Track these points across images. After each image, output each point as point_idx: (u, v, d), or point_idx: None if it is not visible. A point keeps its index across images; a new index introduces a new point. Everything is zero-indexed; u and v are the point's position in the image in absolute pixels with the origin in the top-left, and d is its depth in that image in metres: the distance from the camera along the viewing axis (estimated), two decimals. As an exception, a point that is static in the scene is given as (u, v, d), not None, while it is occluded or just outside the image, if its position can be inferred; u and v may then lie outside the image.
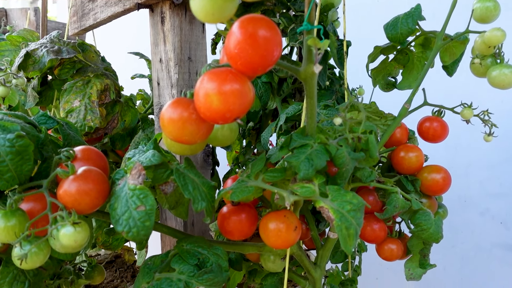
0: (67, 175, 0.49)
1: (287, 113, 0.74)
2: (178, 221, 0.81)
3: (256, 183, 0.54)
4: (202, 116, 0.46)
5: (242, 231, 0.60)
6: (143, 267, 0.59)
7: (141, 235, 0.47)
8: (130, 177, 0.50)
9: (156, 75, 0.82)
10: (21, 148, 0.50)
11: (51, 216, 0.48)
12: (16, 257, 0.45)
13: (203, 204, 0.53)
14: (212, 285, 0.55)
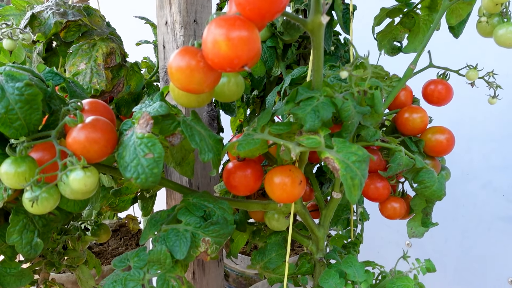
0: (76, 123, 0.50)
1: (292, 75, 0.74)
2: (183, 182, 0.82)
3: (262, 136, 0.55)
4: (210, 64, 0.46)
5: (247, 185, 0.60)
6: (150, 220, 0.60)
7: (149, 182, 0.48)
8: (138, 126, 0.51)
9: (161, 38, 0.82)
10: (30, 96, 0.50)
11: (61, 163, 0.49)
12: (28, 199, 0.46)
13: (210, 155, 0.53)
14: (217, 237, 0.56)
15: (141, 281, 0.54)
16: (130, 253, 0.57)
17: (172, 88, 0.53)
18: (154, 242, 0.56)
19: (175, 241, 0.54)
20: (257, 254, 0.70)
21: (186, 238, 0.54)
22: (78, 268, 0.69)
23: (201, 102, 0.54)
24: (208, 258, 0.57)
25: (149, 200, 0.96)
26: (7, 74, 0.51)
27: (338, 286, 0.62)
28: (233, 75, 0.56)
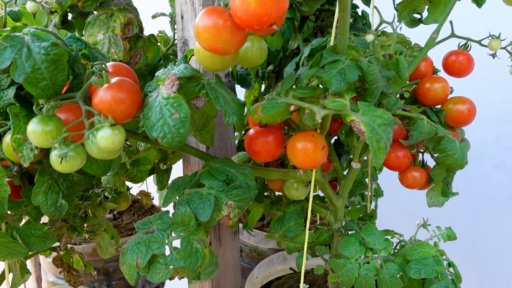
0: (102, 84, 0.50)
1: (311, 45, 0.73)
2: (200, 155, 0.82)
3: (286, 100, 0.54)
4: (238, 22, 0.46)
5: (269, 151, 0.61)
6: (172, 185, 0.60)
7: (176, 142, 0.48)
8: (163, 87, 0.51)
9: (179, 8, 0.81)
10: (56, 56, 0.50)
11: (87, 122, 0.49)
12: (57, 155, 0.46)
13: (234, 117, 0.53)
14: (240, 201, 0.57)
15: (164, 243, 0.55)
16: (153, 217, 0.58)
17: (197, 50, 0.53)
18: (177, 205, 0.56)
19: (198, 203, 0.54)
20: (276, 223, 0.70)
21: (209, 201, 0.54)
22: (99, 235, 0.69)
23: (226, 64, 0.53)
24: (230, 223, 0.57)
25: (165, 174, 0.96)
26: (32, 34, 0.51)
27: (358, 253, 0.63)
28: (256, 40, 0.56)
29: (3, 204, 0.51)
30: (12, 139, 0.50)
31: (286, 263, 0.89)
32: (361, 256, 0.63)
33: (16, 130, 0.50)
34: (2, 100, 0.53)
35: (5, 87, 0.54)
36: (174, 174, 1.00)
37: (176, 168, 0.96)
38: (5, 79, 0.54)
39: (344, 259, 0.63)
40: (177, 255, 0.54)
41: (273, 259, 0.88)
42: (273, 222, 0.71)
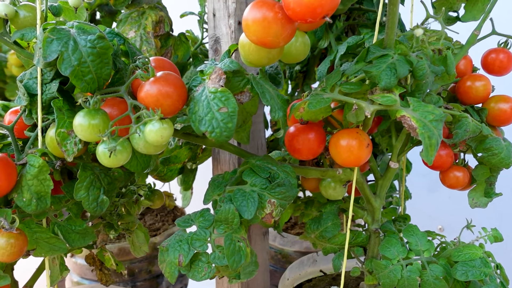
0: (148, 77, 0.49)
1: (348, 43, 0.72)
2: (232, 153, 0.81)
3: (332, 95, 0.53)
4: (290, 14, 0.45)
5: (311, 149, 0.59)
6: (212, 183, 0.59)
7: (224, 136, 0.47)
8: (210, 81, 0.50)
9: (211, 6, 0.80)
10: (102, 50, 0.50)
11: (134, 116, 0.48)
12: (107, 148, 0.45)
13: (280, 113, 0.52)
14: (283, 199, 0.55)
15: (207, 241, 0.53)
16: (193, 214, 0.57)
17: (243, 44, 0.52)
18: (220, 202, 0.55)
19: (242, 201, 0.53)
20: (312, 223, 0.68)
21: (253, 198, 0.53)
22: (134, 232, 0.69)
23: (272, 59, 0.53)
24: (272, 221, 0.56)
25: (190, 174, 0.95)
26: (78, 27, 0.50)
27: (401, 254, 0.61)
28: (300, 35, 0.55)
29: (45, 199, 0.50)
30: (56, 133, 0.49)
31: (316, 265, 0.88)
32: (403, 257, 0.61)
33: (60, 124, 0.50)
34: (45, 94, 0.53)
35: (48, 81, 0.53)
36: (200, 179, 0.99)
37: (201, 169, 0.95)
38: (48, 73, 0.53)
39: (386, 260, 0.62)
40: (220, 253, 0.52)
41: (304, 261, 0.86)
42: (309, 222, 0.69)
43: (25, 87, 0.53)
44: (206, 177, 0.99)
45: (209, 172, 0.98)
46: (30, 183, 0.50)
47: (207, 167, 0.95)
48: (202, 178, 0.94)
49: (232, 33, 0.78)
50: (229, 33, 0.78)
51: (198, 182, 0.99)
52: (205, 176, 0.98)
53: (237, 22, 0.77)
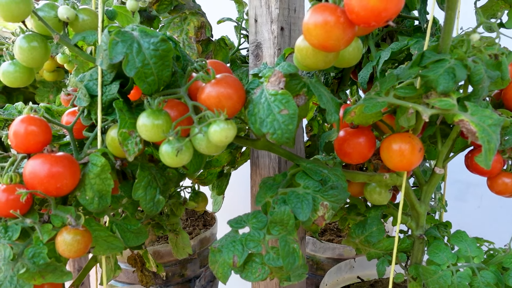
0: (209, 79, 0.50)
1: (392, 48, 0.73)
2: (271, 158, 0.81)
3: (387, 99, 0.54)
4: (353, 18, 0.46)
5: (361, 153, 0.60)
6: (262, 185, 0.60)
7: (285, 138, 0.48)
8: (269, 84, 0.51)
9: (253, 12, 0.82)
10: (164, 52, 0.51)
11: (196, 117, 0.49)
12: (171, 148, 0.46)
13: (336, 116, 0.53)
14: (335, 202, 0.56)
15: (261, 242, 0.54)
16: (246, 216, 0.57)
17: (300, 48, 0.53)
18: (273, 204, 0.56)
19: (296, 203, 0.54)
20: (356, 228, 0.69)
21: (308, 200, 0.54)
22: (180, 234, 0.69)
23: (328, 63, 0.53)
24: (323, 224, 0.56)
25: (224, 179, 0.96)
26: (141, 30, 0.51)
27: (450, 260, 0.61)
28: (354, 40, 0.55)
29: (106, 198, 0.51)
30: (118, 133, 0.50)
31: (353, 271, 0.87)
32: (453, 263, 0.61)
33: (122, 124, 0.51)
34: (105, 95, 0.54)
35: (108, 82, 0.54)
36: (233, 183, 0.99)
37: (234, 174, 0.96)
38: (108, 74, 0.55)
39: (435, 266, 0.61)
40: (274, 254, 0.53)
41: (341, 267, 0.86)
42: (353, 227, 0.69)
43: (86, 88, 0.54)
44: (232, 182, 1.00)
45: (236, 178, 0.99)
46: (93, 182, 0.51)
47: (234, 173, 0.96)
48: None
49: (275, 39, 0.79)
50: (271, 38, 0.79)
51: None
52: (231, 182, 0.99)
53: (280, 28, 0.78)
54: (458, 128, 0.65)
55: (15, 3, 0.49)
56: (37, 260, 0.47)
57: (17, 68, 0.56)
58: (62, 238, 0.47)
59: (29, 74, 0.56)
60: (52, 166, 0.48)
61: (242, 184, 1.03)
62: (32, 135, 0.49)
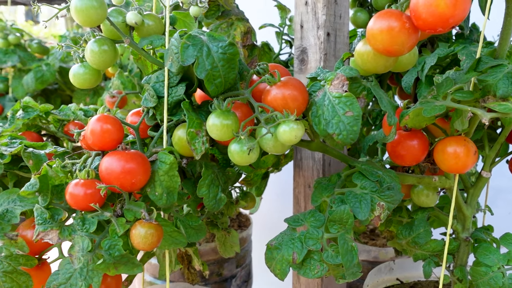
0: (275, 82, 0.52)
1: (439, 54, 0.74)
2: (315, 160, 0.83)
3: (444, 102, 0.55)
4: (419, 24, 0.47)
5: (415, 155, 0.61)
6: (318, 185, 0.62)
7: (349, 138, 0.50)
8: (332, 87, 0.52)
9: (299, 18, 0.84)
10: (231, 56, 0.53)
11: (263, 118, 0.51)
12: (240, 147, 0.48)
13: (395, 119, 0.54)
14: (391, 202, 0.57)
15: (319, 240, 0.56)
16: (302, 214, 0.59)
17: (360, 53, 0.55)
18: (330, 203, 0.57)
19: (355, 202, 0.55)
20: (404, 229, 0.70)
21: (366, 200, 0.55)
22: (231, 232, 0.71)
23: (388, 67, 0.55)
24: (378, 224, 0.58)
25: (263, 181, 0.98)
26: (209, 34, 0.54)
27: (501, 262, 0.62)
28: (410, 45, 0.57)
29: (174, 194, 0.54)
30: (186, 132, 0.53)
31: (392, 273, 0.88)
32: (503, 264, 0.62)
33: (190, 124, 0.53)
34: (171, 96, 0.57)
35: (174, 84, 0.57)
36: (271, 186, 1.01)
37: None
38: (174, 77, 0.57)
39: (486, 267, 0.62)
40: (333, 252, 0.54)
41: (381, 269, 0.87)
42: (400, 228, 0.70)
43: (153, 90, 0.57)
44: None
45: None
46: (162, 179, 0.53)
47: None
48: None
49: (321, 44, 0.81)
50: (317, 43, 0.81)
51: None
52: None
53: (326, 33, 0.80)
54: (506, 132, 0.66)
55: (94, 9, 0.52)
56: (112, 251, 0.50)
57: (87, 70, 0.58)
58: (137, 231, 0.49)
59: (98, 76, 0.59)
60: (127, 162, 0.51)
61: (272, 186, 1.05)
62: (107, 133, 0.52)
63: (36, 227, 0.52)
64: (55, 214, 0.52)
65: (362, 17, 0.92)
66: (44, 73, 1.52)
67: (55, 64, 1.53)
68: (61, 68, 1.62)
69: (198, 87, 0.58)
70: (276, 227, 0.82)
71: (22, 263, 0.54)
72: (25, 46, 1.65)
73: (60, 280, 0.53)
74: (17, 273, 0.54)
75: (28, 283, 0.54)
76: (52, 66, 1.52)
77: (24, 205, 0.56)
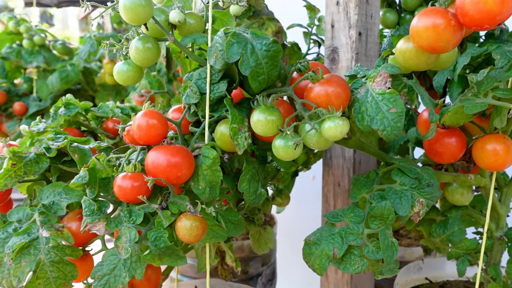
0: (318, 79, 0.53)
1: (472, 54, 0.74)
2: (346, 159, 0.84)
3: (486, 100, 0.55)
4: (465, 21, 0.48)
5: (453, 153, 0.61)
6: (356, 182, 0.62)
7: (393, 134, 0.50)
8: (374, 84, 0.53)
9: (330, 18, 0.85)
10: (274, 53, 0.54)
11: (306, 114, 0.52)
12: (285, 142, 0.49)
13: (437, 116, 0.55)
14: (430, 199, 0.58)
15: (360, 235, 0.56)
16: (341, 210, 0.60)
17: (403, 50, 0.55)
18: (370, 199, 0.58)
19: (395, 198, 0.56)
20: (437, 227, 0.70)
21: (407, 196, 0.56)
22: (267, 228, 0.72)
23: (429, 64, 0.55)
24: (417, 220, 0.58)
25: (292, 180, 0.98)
26: (252, 32, 0.55)
27: (539, 260, 0.62)
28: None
29: (216, 188, 0.55)
30: (230, 127, 0.54)
31: (421, 272, 0.88)
32: (541, 263, 0.62)
33: (233, 119, 0.54)
34: (213, 93, 0.58)
35: (216, 81, 0.58)
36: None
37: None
38: (216, 74, 0.58)
39: (524, 266, 0.62)
40: (374, 247, 0.55)
41: (410, 268, 0.87)
42: (434, 226, 0.71)
43: (196, 86, 0.58)
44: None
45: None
46: (205, 173, 0.54)
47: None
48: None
49: (353, 43, 0.81)
50: (349, 43, 0.82)
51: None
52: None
53: (358, 33, 0.81)
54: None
55: (142, 7, 0.53)
56: (158, 243, 0.51)
57: (130, 67, 0.60)
58: (183, 224, 0.50)
59: (140, 73, 0.60)
60: (173, 156, 0.52)
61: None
62: (153, 128, 0.53)
63: (84, 218, 0.53)
64: (102, 206, 0.53)
65: (391, 17, 0.93)
66: (69, 73, 1.54)
67: (79, 64, 1.55)
68: (85, 68, 1.65)
69: (239, 85, 0.59)
70: (293, 227, 0.83)
71: (68, 254, 0.56)
72: (49, 47, 1.68)
73: (104, 271, 0.54)
74: (63, 263, 0.55)
75: (74, 273, 0.56)
76: (77, 66, 1.55)
77: (69, 198, 0.58)
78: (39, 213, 0.58)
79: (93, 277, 0.54)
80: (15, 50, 1.60)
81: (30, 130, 0.68)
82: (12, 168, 0.59)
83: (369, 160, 0.86)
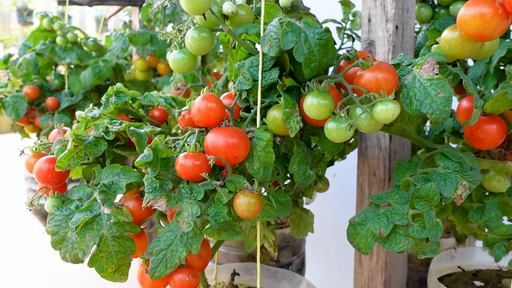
0: (367, 66, 0.56)
1: (509, 46, 0.77)
2: (381, 149, 0.86)
3: (529, 87, 0.58)
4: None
5: (494, 139, 0.64)
6: (398, 166, 0.65)
7: (441, 118, 0.53)
8: (422, 70, 0.56)
9: (367, 12, 0.87)
10: (325, 41, 0.58)
11: (358, 98, 0.55)
12: (347, 123, 0.52)
13: (482, 102, 0.57)
14: (473, 182, 0.60)
15: (405, 215, 0.59)
16: (385, 193, 0.62)
17: (448, 39, 0.58)
18: (414, 182, 0.61)
19: (440, 181, 0.59)
20: (475, 213, 0.72)
21: (451, 179, 0.58)
22: (309, 212, 0.75)
23: (474, 52, 0.58)
24: (459, 203, 0.61)
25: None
26: (304, 22, 0.58)
27: None
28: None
29: (269, 169, 0.58)
30: (283, 112, 0.57)
31: (454, 261, 0.91)
32: None
33: (286, 104, 0.57)
34: (265, 80, 0.61)
35: (268, 68, 0.61)
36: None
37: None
38: (268, 61, 0.61)
39: (562, 250, 0.64)
40: (419, 227, 0.58)
41: (443, 256, 0.89)
42: (471, 212, 0.73)
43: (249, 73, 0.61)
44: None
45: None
46: (260, 154, 0.57)
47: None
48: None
49: (390, 37, 0.84)
50: (386, 36, 0.85)
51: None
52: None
53: (395, 26, 0.83)
54: None
55: (202, -3, 0.56)
56: (218, 218, 0.54)
57: (185, 56, 0.63)
58: (241, 200, 0.54)
59: (194, 61, 0.64)
60: (231, 137, 0.55)
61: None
62: (212, 111, 0.57)
63: (146, 195, 0.56)
64: (163, 184, 0.57)
65: (425, 12, 0.95)
66: (101, 69, 1.59)
67: (112, 60, 1.60)
68: (116, 64, 1.70)
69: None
70: (315, 222, 0.85)
71: (128, 230, 0.59)
72: (81, 44, 1.74)
73: (161, 246, 0.58)
74: (123, 239, 0.59)
75: (133, 248, 0.59)
76: (109, 62, 1.59)
77: (128, 178, 0.62)
78: (99, 192, 0.61)
79: (151, 252, 0.58)
80: (49, 46, 1.66)
81: (85, 116, 0.73)
82: (74, 150, 0.63)
83: (403, 150, 0.88)
